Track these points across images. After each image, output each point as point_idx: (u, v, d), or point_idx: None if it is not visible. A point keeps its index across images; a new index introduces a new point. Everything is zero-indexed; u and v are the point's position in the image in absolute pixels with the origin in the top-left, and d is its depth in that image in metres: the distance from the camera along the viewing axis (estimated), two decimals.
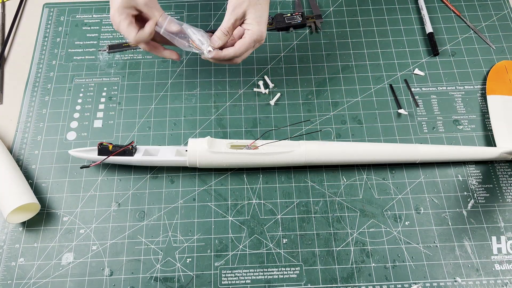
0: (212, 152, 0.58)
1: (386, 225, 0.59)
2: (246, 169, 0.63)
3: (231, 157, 0.59)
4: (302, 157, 0.60)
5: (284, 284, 0.56)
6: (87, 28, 0.75)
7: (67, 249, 0.58)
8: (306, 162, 0.60)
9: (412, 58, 0.72)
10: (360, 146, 0.62)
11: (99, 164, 0.62)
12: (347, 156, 0.61)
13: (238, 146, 0.60)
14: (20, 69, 0.71)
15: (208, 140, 0.59)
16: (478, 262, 0.57)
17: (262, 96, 0.69)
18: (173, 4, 0.78)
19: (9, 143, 0.65)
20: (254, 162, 0.60)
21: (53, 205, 0.60)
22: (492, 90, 0.69)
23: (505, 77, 0.70)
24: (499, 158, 0.63)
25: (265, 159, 0.60)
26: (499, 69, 0.71)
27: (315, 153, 0.60)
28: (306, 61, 0.72)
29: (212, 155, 0.58)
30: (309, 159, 0.60)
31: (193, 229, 0.59)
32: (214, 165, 0.60)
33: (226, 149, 0.59)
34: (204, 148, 0.58)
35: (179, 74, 0.71)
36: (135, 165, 0.62)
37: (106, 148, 0.59)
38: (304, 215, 0.60)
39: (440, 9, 0.77)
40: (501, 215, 0.60)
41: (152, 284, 0.56)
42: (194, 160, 0.59)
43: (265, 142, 0.60)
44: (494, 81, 0.69)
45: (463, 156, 0.63)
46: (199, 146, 0.58)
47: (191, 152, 0.58)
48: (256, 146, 0.60)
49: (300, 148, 0.60)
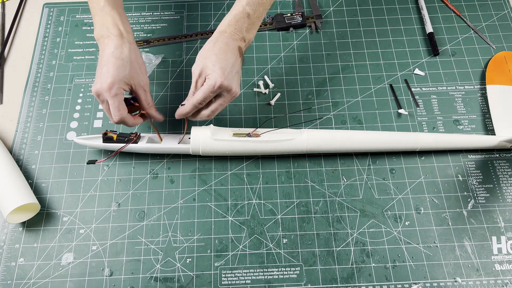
0: (215, 140, 0.58)
1: (386, 225, 0.59)
2: (246, 169, 0.63)
3: (234, 145, 0.59)
4: (303, 144, 0.60)
5: (284, 284, 0.56)
6: (87, 28, 0.75)
7: (67, 249, 0.58)
8: (307, 149, 0.61)
9: (412, 58, 0.72)
10: (361, 134, 0.62)
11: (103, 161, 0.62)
12: (348, 144, 0.61)
13: (241, 134, 0.60)
14: (20, 69, 0.71)
15: (211, 128, 0.60)
16: (478, 262, 0.57)
17: (262, 96, 0.69)
18: (173, 4, 0.78)
19: (9, 143, 0.65)
20: (256, 150, 0.60)
21: (53, 205, 0.60)
22: (491, 80, 0.69)
23: (504, 67, 0.70)
24: (498, 146, 0.63)
25: (267, 146, 0.60)
26: (498, 59, 0.71)
27: (316, 140, 0.60)
28: (306, 61, 0.72)
29: (215, 142, 0.59)
30: (310, 146, 0.60)
31: (193, 229, 0.59)
32: (217, 153, 0.60)
33: (228, 136, 0.59)
34: (207, 135, 0.58)
35: (179, 74, 0.71)
36: (138, 152, 0.62)
37: (110, 137, 0.60)
38: (304, 215, 0.60)
39: (440, 9, 0.77)
40: (501, 215, 0.60)
41: (152, 284, 0.55)
42: (197, 148, 0.59)
43: (266, 130, 0.61)
44: (494, 72, 0.70)
45: (462, 144, 0.63)
46: (202, 134, 0.59)
47: (194, 140, 0.59)
48: (258, 134, 0.60)
49: (302, 135, 0.60)
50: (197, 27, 0.76)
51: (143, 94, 0.57)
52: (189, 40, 0.74)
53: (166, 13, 0.77)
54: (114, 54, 0.54)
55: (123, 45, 0.55)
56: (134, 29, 0.75)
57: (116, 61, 0.53)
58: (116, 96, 0.53)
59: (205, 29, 0.75)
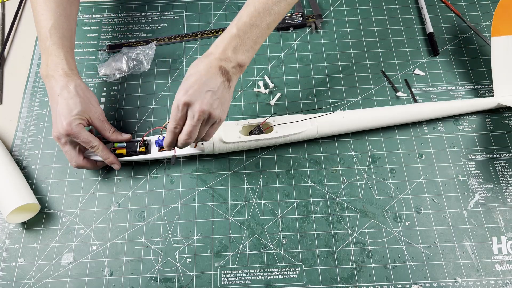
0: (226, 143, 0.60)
1: (386, 225, 0.59)
2: (246, 169, 0.63)
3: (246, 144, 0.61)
4: (313, 132, 0.62)
5: (284, 284, 0.56)
6: (87, 28, 0.75)
7: (67, 249, 0.57)
8: (318, 135, 0.63)
9: (412, 58, 0.72)
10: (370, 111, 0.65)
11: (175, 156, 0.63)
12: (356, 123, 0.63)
13: (251, 126, 0.62)
14: (20, 69, 0.71)
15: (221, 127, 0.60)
16: (478, 262, 0.57)
17: (262, 96, 0.69)
18: (173, 4, 0.78)
19: (9, 143, 0.65)
20: (267, 143, 0.62)
21: (53, 205, 0.60)
22: (497, 30, 0.64)
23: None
24: (497, 107, 0.65)
25: (278, 141, 0.62)
26: (507, 4, 0.64)
27: (326, 125, 0.62)
28: (306, 61, 0.72)
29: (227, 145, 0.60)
30: (321, 131, 0.62)
31: (193, 229, 0.59)
32: (230, 150, 0.62)
33: (238, 132, 0.61)
34: (220, 136, 0.60)
35: (179, 74, 0.71)
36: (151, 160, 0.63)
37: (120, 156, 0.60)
38: (304, 215, 0.60)
39: (440, 9, 0.77)
40: (502, 215, 0.60)
41: (152, 284, 0.55)
42: (210, 148, 0.60)
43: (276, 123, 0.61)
44: (500, 19, 0.64)
45: (462, 109, 0.66)
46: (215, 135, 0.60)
47: (207, 144, 0.60)
48: (268, 125, 0.61)
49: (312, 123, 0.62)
50: (197, 27, 0.76)
51: (101, 124, 0.58)
52: (189, 40, 0.74)
53: (166, 13, 0.77)
54: (62, 95, 0.55)
55: (68, 84, 0.55)
56: (134, 29, 0.75)
57: (65, 102, 0.55)
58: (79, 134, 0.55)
59: (205, 29, 0.75)
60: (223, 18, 0.76)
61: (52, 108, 0.56)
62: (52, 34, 0.57)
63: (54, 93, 0.55)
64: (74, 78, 0.57)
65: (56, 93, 0.55)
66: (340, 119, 0.63)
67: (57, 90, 0.55)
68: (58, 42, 0.57)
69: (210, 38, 0.74)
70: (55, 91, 0.55)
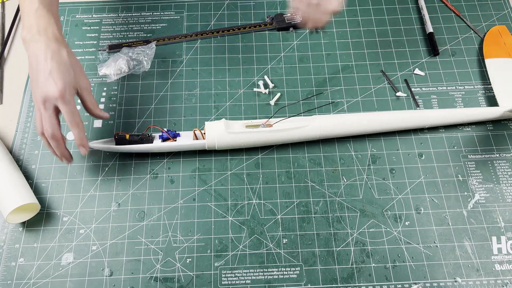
0: (230, 133, 0.60)
1: (386, 225, 0.59)
2: (246, 169, 0.63)
3: (248, 136, 0.61)
4: (316, 130, 0.62)
5: (284, 284, 0.56)
6: (87, 28, 0.75)
7: (67, 249, 0.58)
8: (320, 135, 0.63)
9: (412, 58, 0.72)
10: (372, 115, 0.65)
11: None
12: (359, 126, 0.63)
13: (253, 126, 0.62)
14: (20, 69, 0.71)
15: (224, 122, 0.61)
16: (478, 262, 0.57)
17: (262, 96, 0.69)
18: (173, 4, 0.78)
19: (9, 143, 0.65)
20: (270, 139, 0.62)
21: (53, 205, 0.60)
22: (489, 54, 0.71)
23: (500, 41, 0.73)
24: (503, 116, 0.65)
25: (281, 135, 0.61)
26: (493, 34, 0.74)
27: (329, 124, 0.62)
28: (306, 61, 0.72)
29: (230, 135, 0.60)
30: (323, 132, 0.62)
31: (193, 229, 0.59)
32: (232, 146, 0.62)
33: (242, 128, 0.61)
34: (222, 129, 0.60)
35: (179, 74, 0.71)
36: (153, 152, 0.63)
37: (123, 137, 0.60)
38: (304, 215, 0.60)
39: (440, 9, 0.77)
40: (501, 215, 0.60)
41: (152, 284, 0.55)
42: (212, 142, 0.60)
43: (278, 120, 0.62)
44: (490, 46, 0.72)
45: (468, 118, 0.65)
46: (217, 128, 0.60)
47: (209, 135, 0.60)
48: (270, 124, 0.62)
49: (314, 122, 0.62)
50: (197, 27, 0.76)
51: (88, 96, 0.56)
52: (189, 40, 0.74)
53: (166, 13, 0.77)
54: (55, 59, 0.52)
55: (60, 50, 0.53)
56: (134, 29, 0.75)
57: (59, 66, 0.52)
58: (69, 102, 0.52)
59: (205, 29, 0.75)
60: (223, 18, 0.76)
61: (38, 71, 0.52)
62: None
63: (42, 57, 0.52)
64: (65, 45, 0.55)
65: (47, 57, 0.52)
66: (343, 123, 0.63)
67: (48, 54, 0.52)
68: (47, 6, 0.55)
69: (210, 38, 0.74)
70: (45, 55, 0.52)
